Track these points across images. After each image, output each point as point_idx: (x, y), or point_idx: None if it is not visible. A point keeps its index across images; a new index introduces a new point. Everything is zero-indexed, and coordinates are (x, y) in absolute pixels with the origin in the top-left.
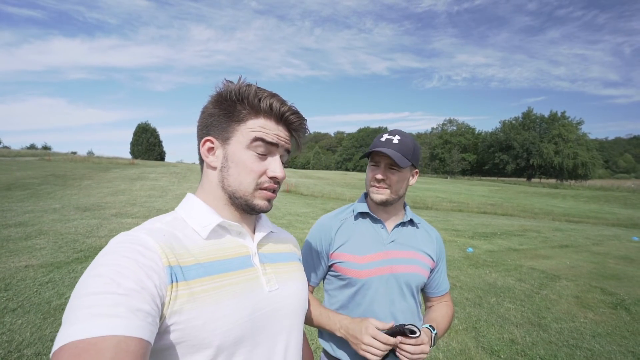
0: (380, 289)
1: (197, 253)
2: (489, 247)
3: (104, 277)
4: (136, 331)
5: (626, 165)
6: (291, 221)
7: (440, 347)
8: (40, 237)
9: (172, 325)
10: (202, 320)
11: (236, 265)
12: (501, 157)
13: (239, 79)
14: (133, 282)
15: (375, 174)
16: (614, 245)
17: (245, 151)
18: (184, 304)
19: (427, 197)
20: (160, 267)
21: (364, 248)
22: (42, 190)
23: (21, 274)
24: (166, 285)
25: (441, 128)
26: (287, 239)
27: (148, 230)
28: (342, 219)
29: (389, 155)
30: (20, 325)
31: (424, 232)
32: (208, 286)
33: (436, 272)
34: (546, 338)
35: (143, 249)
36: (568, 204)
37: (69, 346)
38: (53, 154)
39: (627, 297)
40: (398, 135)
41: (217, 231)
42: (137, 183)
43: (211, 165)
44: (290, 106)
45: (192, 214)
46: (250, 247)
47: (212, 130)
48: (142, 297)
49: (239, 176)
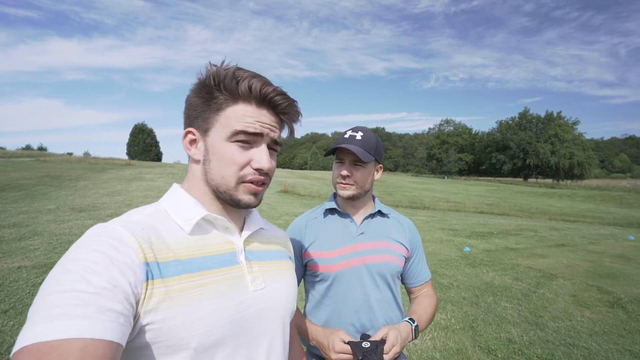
0: (353, 281)
1: (177, 249)
2: (486, 247)
3: (73, 274)
4: (105, 333)
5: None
6: (288, 221)
7: (438, 347)
8: (34, 238)
9: (147, 325)
10: (179, 320)
11: (220, 262)
12: (498, 157)
13: (222, 62)
14: (105, 279)
15: (340, 170)
16: (610, 244)
17: (225, 143)
18: (160, 303)
19: (425, 197)
20: (136, 263)
21: (333, 243)
22: (37, 191)
23: (14, 275)
24: (142, 282)
25: (438, 128)
26: (278, 237)
27: (125, 222)
28: (311, 218)
29: (353, 152)
30: (11, 327)
31: (394, 221)
32: (186, 284)
33: (413, 261)
34: (543, 337)
35: (118, 243)
36: (564, 203)
37: (29, 348)
38: (49, 154)
39: (623, 296)
40: (361, 131)
41: (201, 225)
42: (133, 184)
43: (194, 159)
44: (275, 87)
45: (175, 206)
46: (237, 243)
47: (193, 121)
48: (114, 296)
49: (221, 170)
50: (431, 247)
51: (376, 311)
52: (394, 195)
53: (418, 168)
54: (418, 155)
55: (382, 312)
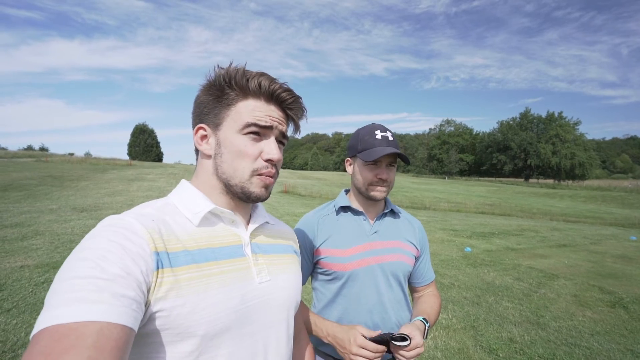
0: (367, 280)
1: (185, 240)
2: (487, 247)
3: (89, 261)
4: (119, 318)
5: (623, 165)
6: (289, 221)
7: (439, 346)
8: (37, 237)
9: (157, 312)
10: (187, 308)
11: (226, 254)
12: (499, 157)
13: (230, 64)
14: (118, 267)
15: (377, 173)
16: (612, 245)
17: (237, 135)
18: (169, 291)
19: (425, 198)
20: (147, 253)
21: (348, 241)
22: (39, 191)
23: (17, 274)
24: (152, 271)
25: (439, 129)
26: (284, 231)
27: (137, 215)
28: (323, 215)
29: (400, 156)
30: (14, 326)
31: (405, 221)
32: (194, 274)
33: (421, 261)
34: (545, 337)
35: (130, 233)
36: (565, 203)
37: (49, 330)
38: (50, 155)
39: (625, 296)
40: (387, 131)
41: (209, 218)
42: (134, 184)
43: (205, 154)
44: (281, 84)
45: (184, 200)
46: (243, 236)
47: (204, 118)
48: (127, 283)
49: (233, 162)
50: (432, 247)
51: (389, 311)
52: (395, 196)
53: (419, 168)
54: (419, 155)
55: (394, 311)
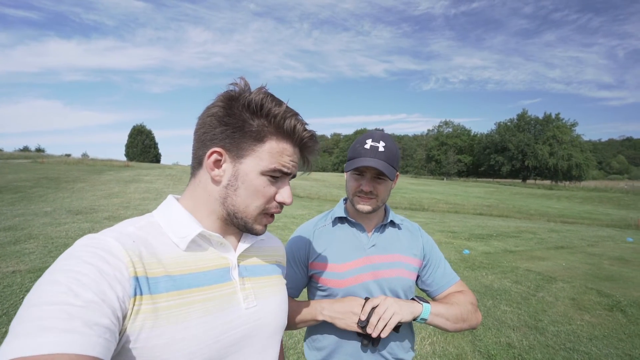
0: (363, 297)
1: (168, 264)
2: (485, 249)
3: (61, 285)
4: (91, 349)
5: (619, 166)
6: (287, 223)
7: (437, 352)
8: (30, 241)
9: (131, 342)
10: (164, 339)
11: (212, 278)
12: (496, 158)
13: (245, 83)
14: (93, 292)
15: (359, 184)
16: (609, 246)
17: (258, 176)
18: (146, 320)
19: (423, 199)
20: (126, 277)
21: (343, 255)
22: (34, 193)
23: (8, 279)
24: (130, 297)
25: (437, 130)
26: (274, 248)
27: (117, 234)
28: (320, 226)
29: (378, 169)
30: (4, 334)
31: (406, 231)
32: (175, 302)
33: (430, 267)
34: (543, 341)
35: (108, 255)
36: (563, 205)
37: None
38: (46, 156)
39: (622, 299)
40: (382, 140)
41: (196, 241)
42: (131, 185)
43: (215, 179)
44: (310, 131)
45: (170, 221)
46: (231, 258)
47: (222, 141)
48: (101, 310)
49: (247, 199)
50: None
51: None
52: (393, 197)
53: (417, 169)
54: (417, 156)
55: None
